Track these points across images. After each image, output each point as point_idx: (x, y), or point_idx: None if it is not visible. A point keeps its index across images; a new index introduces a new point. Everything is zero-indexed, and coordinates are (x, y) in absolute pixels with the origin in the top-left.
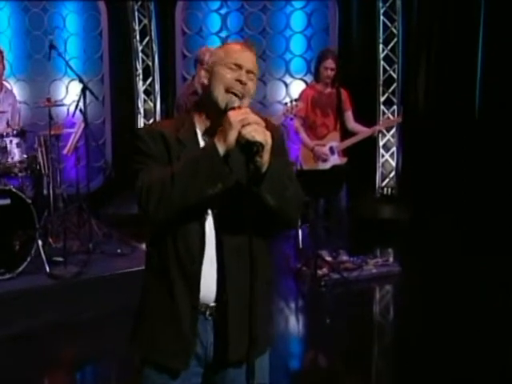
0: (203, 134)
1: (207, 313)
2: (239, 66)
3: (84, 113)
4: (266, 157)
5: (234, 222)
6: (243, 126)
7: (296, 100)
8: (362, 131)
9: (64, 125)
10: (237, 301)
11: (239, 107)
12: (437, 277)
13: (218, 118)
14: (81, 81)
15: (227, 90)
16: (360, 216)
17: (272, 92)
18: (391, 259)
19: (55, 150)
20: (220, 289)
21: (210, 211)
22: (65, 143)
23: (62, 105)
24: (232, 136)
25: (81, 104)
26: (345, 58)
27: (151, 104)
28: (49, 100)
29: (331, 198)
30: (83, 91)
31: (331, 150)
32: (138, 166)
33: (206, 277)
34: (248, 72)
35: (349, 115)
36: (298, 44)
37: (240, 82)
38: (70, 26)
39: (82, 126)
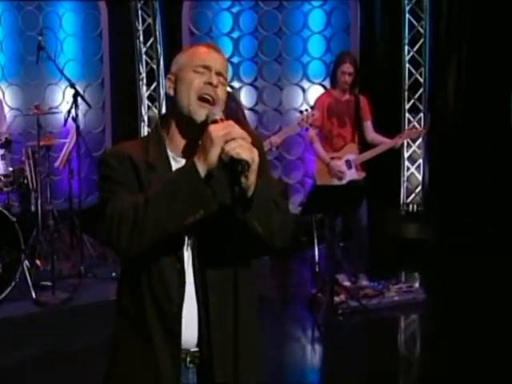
0: (175, 155)
1: (188, 359)
2: (208, 68)
3: (76, 121)
4: (252, 177)
5: (215, 254)
6: (226, 141)
7: (312, 108)
8: (383, 143)
9: (57, 134)
10: (222, 344)
11: (222, 119)
12: (467, 305)
13: (191, 133)
14: (72, 86)
15: (200, 98)
16: (382, 236)
17: (288, 98)
18: (416, 285)
19: (45, 162)
20: (202, 331)
21: (188, 241)
22: (58, 154)
23: (54, 112)
24: (214, 153)
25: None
26: (367, 61)
27: (156, 111)
28: (37, 107)
29: (349, 216)
30: (75, 97)
31: (348, 163)
32: (107, 194)
33: (186, 318)
34: (218, 74)
35: (368, 125)
36: (316, 45)
37: (210, 84)
38: (67, 25)
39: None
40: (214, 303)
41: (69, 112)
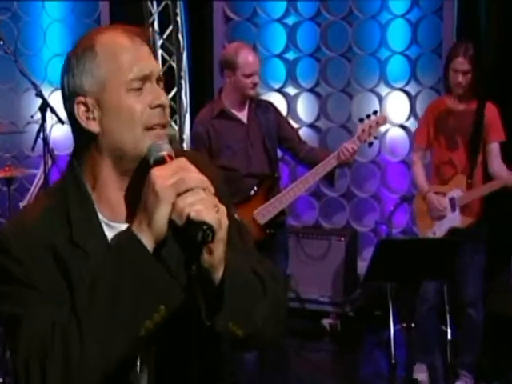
0: (111, 219)
1: None
2: (147, 78)
3: (46, 144)
4: (218, 251)
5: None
6: (179, 194)
7: (375, 113)
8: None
9: (29, 162)
10: None
11: (171, 157)
12: None
13: (136, 180)
14: (38, 94)
15: (148, 129)
16: (494, 314)
17: (360, 110)
18: None
19: (4, 201)
20: None
21: (141, 363)
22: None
23: (16, 131)
24: (161, 214)
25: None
26: None
27: (176, 127)
28: None
29: (442, 284)
30: (42, 110)
31: (452, 203)
32: (15, 309)
33: None
34: (160, 81)
35: (493, 149)
36: (398, 34)
37: (161, 106)
38: (53, 8)
39: (49, 164)
40: None
41: (38, 131)
